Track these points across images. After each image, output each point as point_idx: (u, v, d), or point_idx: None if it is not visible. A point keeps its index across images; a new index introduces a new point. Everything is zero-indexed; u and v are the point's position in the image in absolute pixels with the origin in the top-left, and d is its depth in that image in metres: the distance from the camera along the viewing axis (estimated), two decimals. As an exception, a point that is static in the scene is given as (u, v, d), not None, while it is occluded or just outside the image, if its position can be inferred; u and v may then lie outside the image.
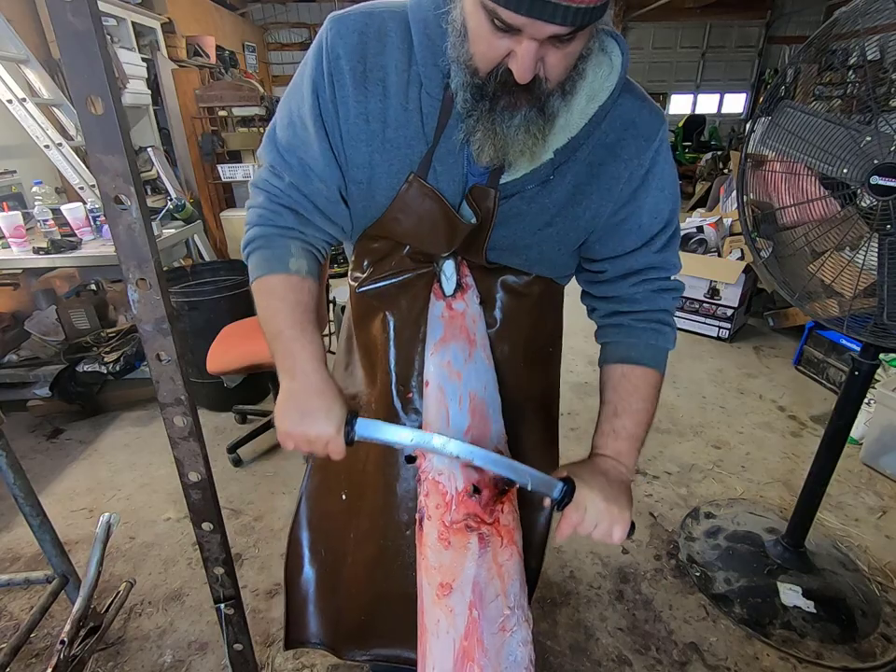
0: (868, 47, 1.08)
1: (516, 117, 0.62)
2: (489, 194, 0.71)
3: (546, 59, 0.57)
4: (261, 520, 1.88)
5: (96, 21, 0.54)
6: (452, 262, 0.80)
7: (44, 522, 1.28)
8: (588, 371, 2.81)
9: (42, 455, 2.26)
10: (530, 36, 0.54)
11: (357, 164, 0.72)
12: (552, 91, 0.61)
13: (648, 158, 0.72)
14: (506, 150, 0.64)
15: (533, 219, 0.74)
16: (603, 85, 0.67)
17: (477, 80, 0.61)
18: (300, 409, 0.70)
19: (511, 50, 0.56)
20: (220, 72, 5.23)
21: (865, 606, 1.53)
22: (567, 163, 0.71)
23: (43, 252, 2.18)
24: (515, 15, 0.52)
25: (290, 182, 0.74)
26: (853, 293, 1.19)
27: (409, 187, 0.71)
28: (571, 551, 1.73)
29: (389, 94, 0.68)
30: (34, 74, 2.78)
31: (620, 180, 0.72)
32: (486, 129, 0.63)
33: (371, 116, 0.69)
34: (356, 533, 0.96)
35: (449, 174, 0.71)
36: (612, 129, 0.70)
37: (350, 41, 0.67)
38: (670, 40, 8.51)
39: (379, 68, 0.67)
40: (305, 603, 1.04)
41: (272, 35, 7.65)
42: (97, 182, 0.61)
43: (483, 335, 0.82)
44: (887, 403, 2.00)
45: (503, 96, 0.61)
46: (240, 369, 1.93)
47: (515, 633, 0.68)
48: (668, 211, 0.76)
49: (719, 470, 2.12)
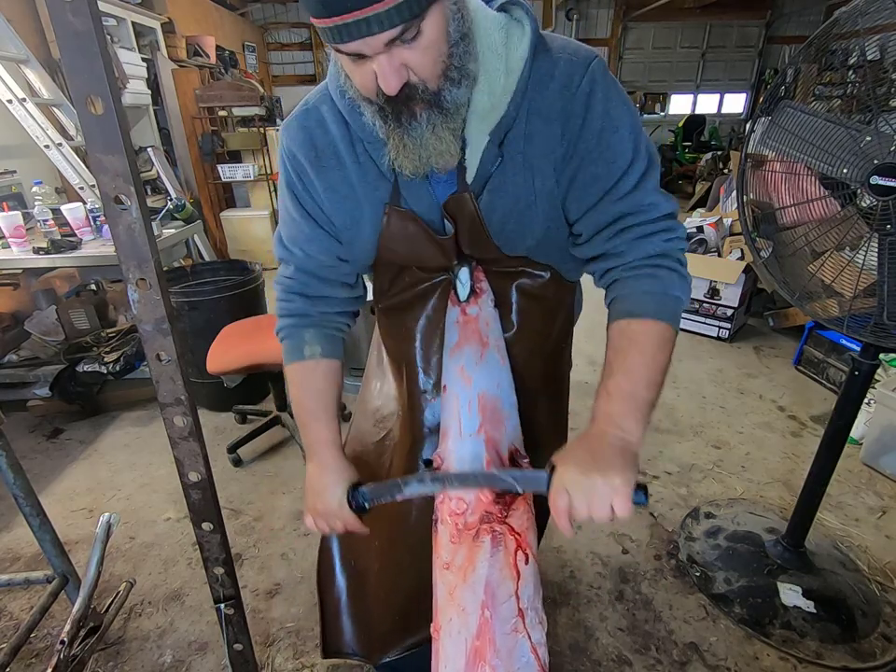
0: (868, 47, 1.08)
1: (420, 123, 0.64)
2: (462, 197, 0.73)
3: (408, 62, 0.59)
4: (261, 520, 1.88)
5: (96, 21, 0.54)
6: (467, 269, 0.84)
7: (44, 522, 1.28)
8: (588, 370, 2.80)
9: (42, 455, 2.26)
10: (373, 52, 0.57)
11: (346, 225, 0.80)
12: (437, 86, 0.62)
13: (578, 108, 0.68)
14: (424, 156, 0.67)
15: (515, 200, 0.74)
16: (515, 55, 0.67)
17: (375, 105, 0.65)
18: (313, 488, 0.83)
19: (371, 72, 0.60)
20: (220, 72, 5.22)
21: (865, 606, 1.53)
22: (509, 142, 0.70)
23: (43, 252, 2.18)
24: (342, 45, 0.57)
25: (296, 267, 0.86)
26: (853, 293, 1.19)
27: (388, 218, 0.77)
28: (571, 551, 1.73)
29: (344, 161, 0.76)
30: (34, 74, 2.78)
31: (556, 139, 0.69)
32: (397, 144, 0.67)
33: (336, 185, 0.77)
34: (380, 540, 0.99)
35: (417, 195, 0.75)
36: (536, 94, 0.68)
37: (298, 138, 0.77)
38: (670, 40, 8.50)
39: (328, 145, 0.76)
40: (339, 611, 1.07)
41: (272, 35, 7.64)
42: (97, 182, 0.61)
43: (498, 336, 0.86)
44: (887, 403, 2.00)
45: (401, 110, 0.64)
46: (240, 369, 1.93)
47: (529, 634, 0.68)
48: (629, 150, 0.69)
49: (719, 470, 2.12)
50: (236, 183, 4.67)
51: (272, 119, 4.83)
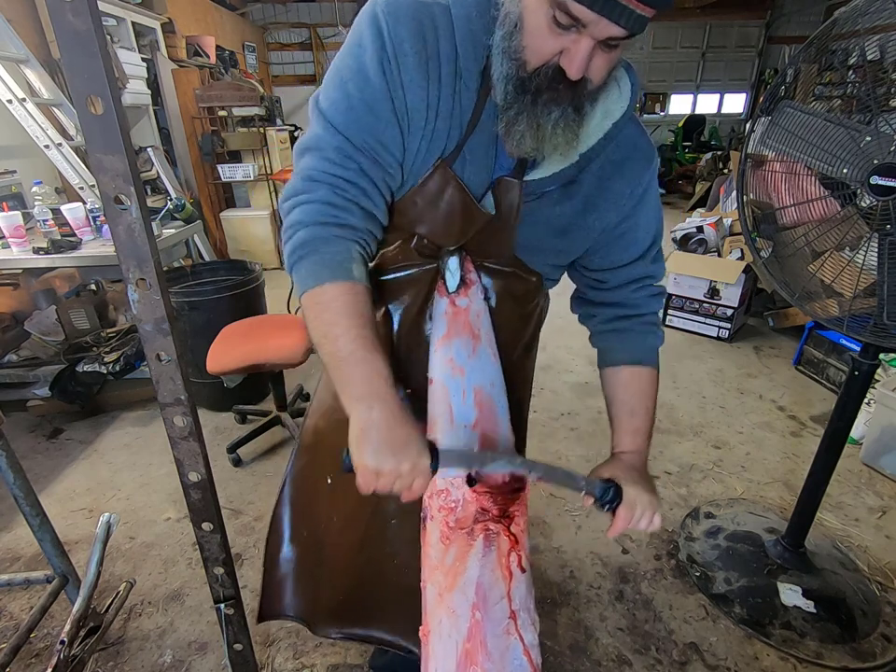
0: (868, 47, 1.08)
1: (554, 112, 0.63)
2: (514, 186, 0.72)
3: (593, 60, 0.59)
4: (261, 520, 1.88)
5: (96, 21, 0.54)
6: (456, 258, 0.80)
7: (44, 522, 1.28)
8: (588, 370, 2.80)
9: (42, 455, 2.26)
10: (590, 35, 0.56)
11: (410, 151, 0.70)
12: (590, 92, 0.64)
13: (646, 179, 0.78)
14: (543, 144, 0.66)
15: (552, 224, 0.78)
16: (615, 106, 0.71)
17: (523, 74, 0.62)
18: (388, 441, 0.62)
19: (563, 48, 0.58)
20: (220, 72, 5.22)
21: (865, 606, 1.53)
22: (582, 173, 0.74)
23: (43, 252, 2.18)
24: (586, 10, 0.54)
25: (359, 168, 0.68)
26: (853, 293, 1.19)
27: (433, 172, 0.71)
28: (571, 551, 1.73)
29: (442, 84, 0.67)
30: (34, 74, 2.78)
31: (623, 196, 0.78)
32: (529, 121, 0.64)
33: (429, 103, 0.67)
34: (338, 517, 0.98)
35: (477, 164, 0.72)
36: (619, 148, 0.75)
37: (410, 26, 0.65)
38: (670, 40, 8.49)
39: (435, 56, 0.66)
40: (283, 580, 1.06)
41: (272, 35, 7.64)
42: (97, 182, 0.61)
43: (489, 331, 0.83)
44: (887, 403, 2.00)
45: (546, 91, 0.62)
46: (240, 369, 1.93)
47: (521, 636, 0.67)
48: (656, 226, 0.84)
49: (719, 470, 2.12)
50: (236, 183, 4.66)
51: (272, 119, 4.82)
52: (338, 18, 7.25)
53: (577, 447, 2.21)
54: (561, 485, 0.74)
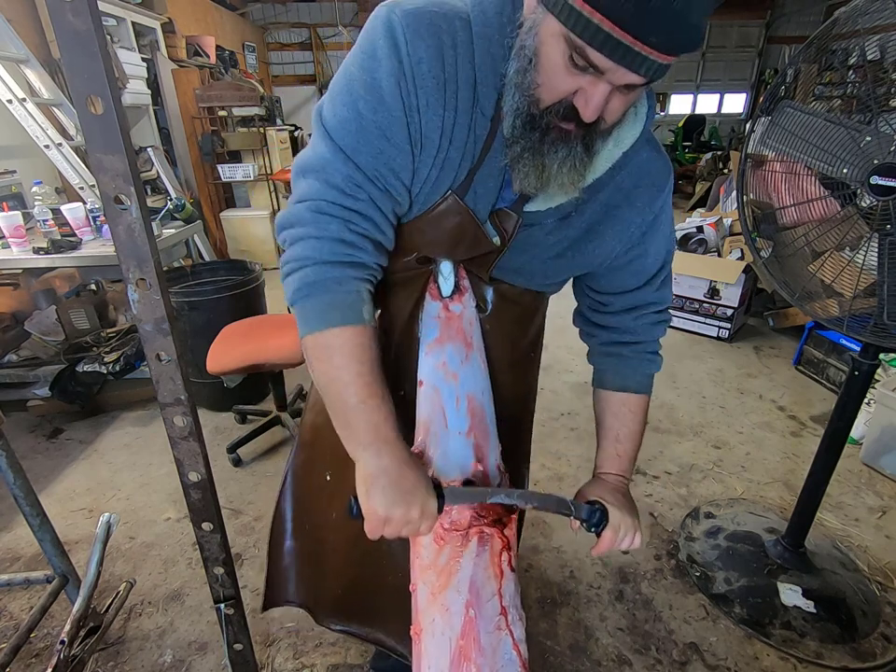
0: (868, 47, 1.08)
1: (562, 151, 0.61)
2: (512, 218, 0.72)
3: (610, 102, 0.57)
4: (261, 520, 1.88)
5: (96, 21, 0.54)
6: (450, 263, 0.79)
7: (44, 522, 1.28)
8: (588, 370, 2.78)
9: (42, 455, 2.26)
10: (608, 81, 0.54)
11: (419, 177, 0.67)
12: (603, 131, 0.61)
13: (657, 206, 0.76)
14: (548, 183, 0.64)
15: (546, 250, 0.76)
16: (628, 133, 0.69)
17: (535, 110, 0.59)
18: (398, 487, 0.63)
19: (579, 88, 0.56)
20: (220, 72, 5.22)
21: (865, 606, 1.53)
22: (587, 202, 0.72)
23: (43, 252, 2.18)
24: (605, 59, 0.52)
25: (370, 199, 0.65)
26: (853, 293, 1.19)
27: (443, 202, 0.69)
28: (571, 551, 1.73)
29: (458, 111, 0.63)
30: (34, 74, 2.78)
31: (632, 225, 0.75)
32: (535, 160, 0.62)
33: (443, 131, 0.64)
34: (337, 514, 0.98)
35: (486, 195, 0.70)
36: (630, 176, 0.72)
37: (430, 44, 0.60)
38: (670, 40, 8.50)
39: (454, 80, 0.62)
40: (288, 569, 1.07)
41: (272, 35, 7.64)
42: (97, 182, 0.61)
43: (479, 339, 0.83)
44: (887, 403, 2.00)
45: (556, 129, 0.60)
46: (240, 369, 1.93)
47: (511, 631, 0.69)
48: (666, 252, 0.81)
49: (719, 470, 2.12)
50: (236, 183, 4.67)
51: (272, 119, 4.83)
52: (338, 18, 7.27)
53: (577, 447, 2.21)
54: (554, 513, 0.76)
